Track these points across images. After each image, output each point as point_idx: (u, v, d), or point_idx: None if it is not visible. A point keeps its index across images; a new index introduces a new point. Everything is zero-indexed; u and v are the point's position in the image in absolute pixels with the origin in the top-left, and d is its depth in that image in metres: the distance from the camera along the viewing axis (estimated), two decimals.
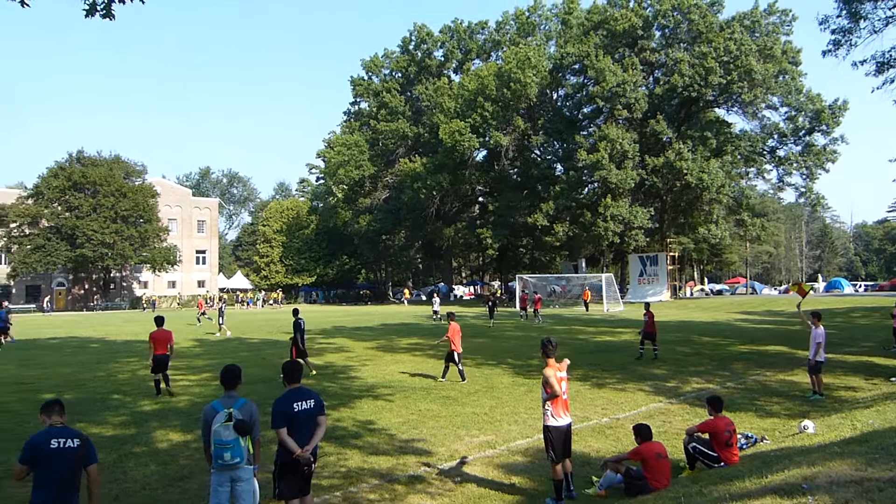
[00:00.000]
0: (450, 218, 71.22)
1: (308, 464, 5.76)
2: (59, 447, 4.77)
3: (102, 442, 10.23)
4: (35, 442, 4.71)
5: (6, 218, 62.68)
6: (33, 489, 4.69)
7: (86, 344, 27.17)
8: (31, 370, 18.85)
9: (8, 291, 67.63)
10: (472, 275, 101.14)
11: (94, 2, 9.84)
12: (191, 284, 79.84)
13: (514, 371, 17.10)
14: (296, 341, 17.15)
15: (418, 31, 71.55)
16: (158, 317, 15.54)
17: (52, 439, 4.77)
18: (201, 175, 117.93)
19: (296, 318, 17.35)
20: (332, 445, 9.66)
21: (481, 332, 29.86)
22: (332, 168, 69.21)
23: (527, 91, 56.96)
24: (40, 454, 4.69)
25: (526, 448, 9.46)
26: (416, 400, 13.24)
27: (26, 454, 4.66)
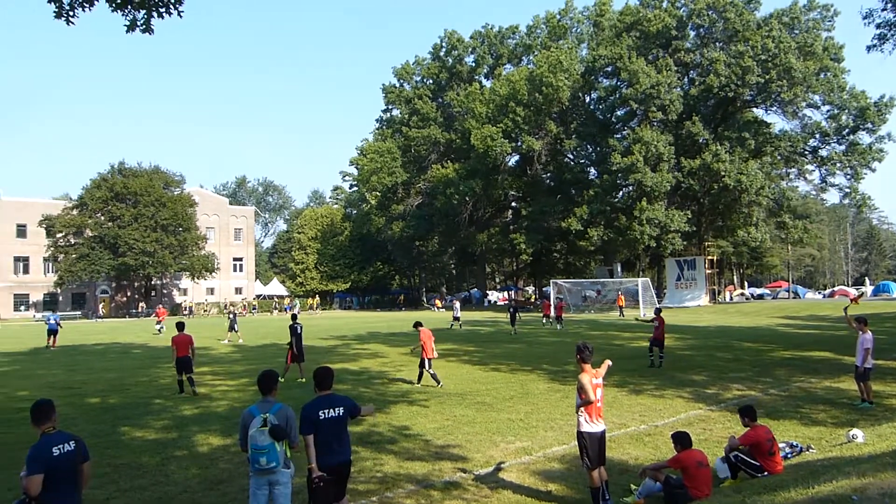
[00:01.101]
0: (483, 223, 71.07)
1: (318, 479, 5.71)
2: (60, 453, 4.82)
3: (145, 445, 10.39)
4: (39, 454, 4.75)
5: (53, 228, 64.54)
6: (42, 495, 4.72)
7: (129, 350, 27.70)
8: (77, 375, 19.26)
9: (55, 299, 69.42)
10: (505, 280, 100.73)
11: (135, 18, 10.05)
12: (229, 291, 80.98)
13: (550, 377, 16.95)
14: (292, 346, 17.53)
15: (449, 37, 71.69)
16: (179, 322, 16.52)
17: (53, 447, 4.82)
18: (238, 184, 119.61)
19: (292, 324, 17.80)
20: (368, 450, 9.66)
21: (514, 338, 29.70)
22: (366, 175, 69.62)
23: (559, 95, 56.61)
24: (47, 463, 4.73)
25: (562, 455, 9.34)
26: (451, 406, 13.17)
27: (37, 466, 4.69)
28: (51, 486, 4.72)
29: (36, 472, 4.67)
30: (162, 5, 10.13)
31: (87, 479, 5.15)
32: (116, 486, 8.26)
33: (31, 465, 4.69)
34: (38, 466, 4.69)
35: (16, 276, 69.28)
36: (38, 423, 4.96)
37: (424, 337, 16.11)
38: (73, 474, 4.89)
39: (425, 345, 15.97)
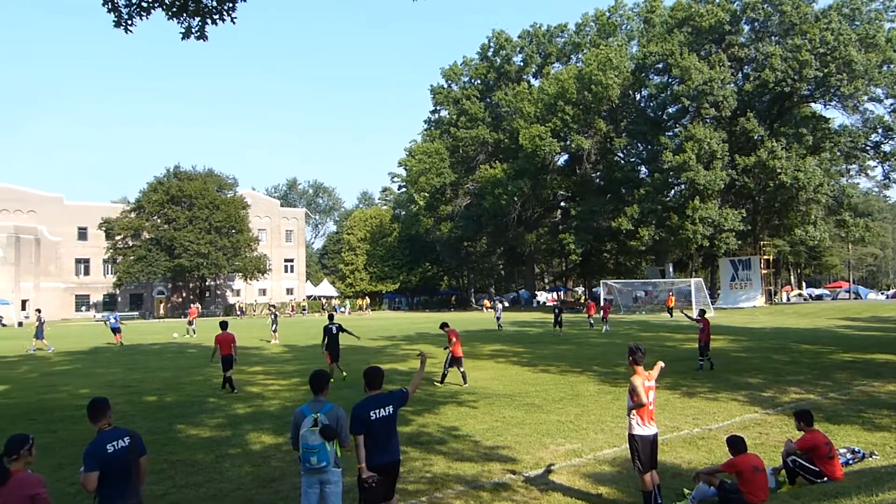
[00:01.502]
0: (531, 223, 70.70)
1: (369, 480, 5.73)
2: (114, 450, 4.93)
3: (200, 443, 10.62)
4: (94, 451, 4.88)
5: (112, 231, 66.67)
6: (100, 490, 4.85)
7: (184, 349, 28.38)
8: (135, 374, 19.82)
9: (114, 300, 71.70)
10: (554, 281, 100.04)
11: (189, 25, 10.30)
12: (280, 292, 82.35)
13: (600, 378, 16.73)
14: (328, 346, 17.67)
15: (497, 37, 71.55)
16: (223, 321, 16.94)
17: (107, 444, 4.93)
18: (288, 186, 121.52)
19: (327, 324, 17.97)
20: (417, 451, 9.68)
21: (564, 339, 29.45)
22: (414, 176, 69.99)
23: (608, 93, 55.95)
24: (102, 460, 4.85)
25: (613, 458, 9.20)
26: (500, 407, 13.12)
27: (91, 464, 4.83)
28: (107, 482, 4.85)
29: (91, 469, 4.81)
30: (216, 12, 10.36)
31: (144, 473, 5.27)
32: (173, 482, 8.46)
33: (87, 462, 4.84)
34: (93, 463, 4.82)
35: (77, 278, 71.74)
36: (95, 421, 5.09)
37: (453, 336, 16.44)
38: (128, 470, 5.00)
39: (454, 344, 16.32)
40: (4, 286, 62.60)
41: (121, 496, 4.95)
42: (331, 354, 17.63)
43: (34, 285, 66.22)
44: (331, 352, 17.62)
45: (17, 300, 62.82)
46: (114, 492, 4.91)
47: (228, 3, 10.31)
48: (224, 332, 16.09)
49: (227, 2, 10.29)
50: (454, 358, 16.38)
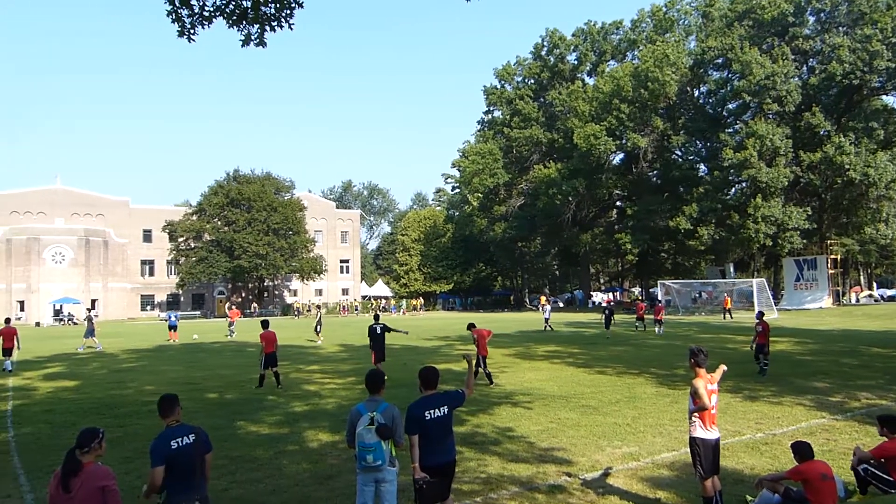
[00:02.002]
0: (586, 223, 69.94)
1: (421, 481, 5.73)
2: (178, 446, 5.04)
3: (259, 439, 10.84)
4: (159, 447, 5.00)
5: (175, 233, 68.74)
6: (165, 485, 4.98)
7: (243, 348, 29.02)
8: (196, 371, 20.36)
9: (177, 299, 73.94)
10: (610, 281, 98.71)
11: (249, 33, 10.54)
12: (336, 292, 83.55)
13: (658, 381, 16.42)
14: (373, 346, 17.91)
15: (550, 35, 71.00)
16: (264, 320, 17.43)
17: (172, 440, 5.05)
18: (344, 188, 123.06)
19: (372, 324, 18.21)
20: (472, 451, 9.67)
21: (621, 340, 29.02)
22: (467, 177, 70.03)
23: (665, 90, 54.93)
24: (166, 456, 4.97)
25: (672, 462, 9.01)
26: (556, 408, 13.00)
27: (156, 459, 4.95)
28: (172, 478, 4.98)
29: (157, 464, 4.95)
30: (274, 19, 10.56)
31: (209, 469, 5.39)
32: (233, 477, 8.65)
33: (153, 457, 4.98)
34: (158, 459, 4.96)
35: (142, 278, 74.27)
36: (164, 416, 5.24)
37: (482, 334, 16.98)
38: (192, 466, 5.12)
39: (481, 343, 16.85)
40: (75, 286, 65.22)
41: (185, 491, 5.07)
42: (376, 354, 17.84)
43: (103, 286, 68.82)
44: (376, 351, 17.84)
45: (87, 300, 65.37)
46: (178, 487, 5.04)
47: (286, 9, 10.49)
48: (266, 330, 16.65)
49: (285, 8, 10.48)
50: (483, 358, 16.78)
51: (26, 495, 8.08)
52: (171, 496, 5.02)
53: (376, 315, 20.39)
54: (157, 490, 4.97)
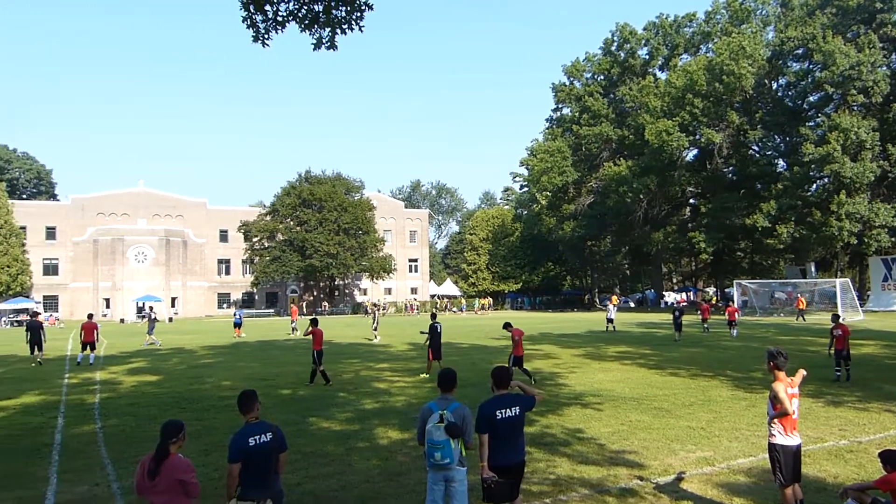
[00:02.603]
0: (658, 222, 68.47)
1: (489, 480, 5.71)
2: (256, 443, 5.15)
3: (330, 436, 11.04)
4: (237, 443, 5.13)
5: (249, 233, 70.84)
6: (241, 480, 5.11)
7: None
8: (270, 368, 20.93)
9: (252, 298, 76.16)
10: (683, 281, 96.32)
11: (321, 36, 10.76)
12: (405, 291, 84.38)
13: (734, 384, 15.91)
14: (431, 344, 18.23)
15: (621, 30, 69.76)
16: (314, 318, 17.90)
17: (250, 437, 5.16)
18: (412, 188, 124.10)
19: (431, 323, 18.63)
20: (541, 452, 9.60)
21: (695, 341, 28.27)
22: (536, 175, 69.55)
23: (741, 83, 53.20)
24: (244, 452, 5.09)
25: (749, 468, 8.72)
26: (627, 410, 12.77)
27: (234, 455, 5.09)
28: (247, 473, 5.12)
29: (234, 459, 5.09)
30: (345, 22, 10.75)
31: (282, 467, 5.51)
32: (306, 472, 8.83)
33: (231, 452, 5.13)
34: (236, 454, 5.10)
35: (219, 277, 76.81)
36: (244, 412, 5.38)
37: (517, 336, 16.63)
38: (268, 463, 5.24)
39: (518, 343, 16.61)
40: (156, 284, 68.02)
41: (259, 488, 5.18)
42: (433, 352, 18.15)
43: (182, 284, 71.53)
44: (433, 349, 18.15)
45: (168, 298, 68.08)
46: (253, 482, 5.16)
47: (356, 12, 10.67)
48: (315, 327, 17.19)
49: (355, 11, 10.65)
50: (516, 358, 16.55)
51: (112, 484, 8.46)
52: (245, 492, 5.14)
53: (433, 314, 20.74)
54: (234, 486, 5.11)
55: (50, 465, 9.48)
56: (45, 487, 8.29)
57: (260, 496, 5.18)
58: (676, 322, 29.88)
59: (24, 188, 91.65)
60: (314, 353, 16.92)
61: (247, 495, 5.14)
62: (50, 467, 9.33)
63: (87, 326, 23.22)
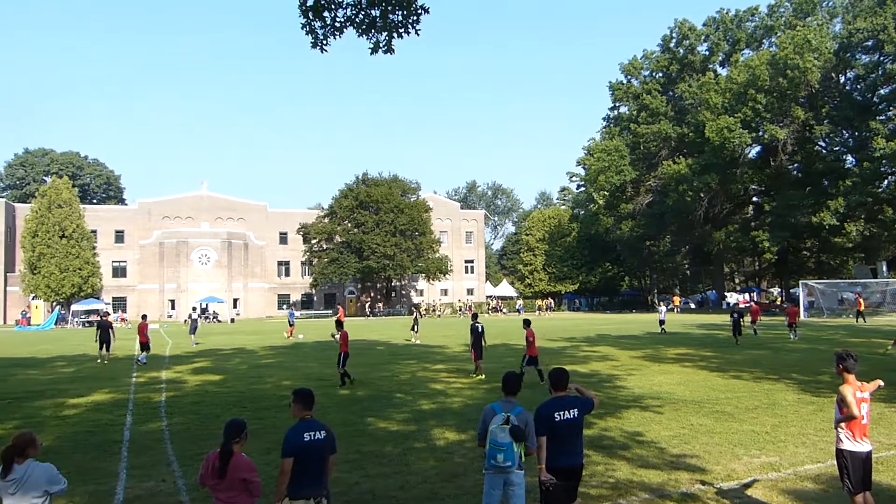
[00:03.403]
0: (720, 221, 66.85)
1: (547, 483, 5.67)
2: (311, 440, 5.20)
3: (388, 436, 11.15)
4: (293, 437, 5.19)
5: (308, 235, 72.05)
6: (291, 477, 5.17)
7: (372, 346, 29.96)
8: (328, 368, 21.20)
9: (311, 299, 77.46)
10: (746, 281, 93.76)
11: (378, 41, 10.91)
12: (461, 292, 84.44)
13: (800, 387, 15.42)
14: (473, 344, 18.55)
15: (679, 26, 68.39)
16: (338, 321, 18.35)
17: (305, 433, 5.22)
18: (468, 189, 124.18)
19: (472, 323, 18.96)
20: (600, 455, 9.50)
21: (756, 344, 27.49)
22: (593, 175, 68.74)
23: (807, 77, 51.54)
24: (298, 448, 5.16)
25: (817, 474, 8.44)
26: (687, 413, 12.52)
27: (288, 449, 5.15)
28: (300, 469, 5.16)
29: (288, 454, 5.15)
30: (402, 26, 10.86)
31: (331, 469, 5.54)
32: (364, 471, 8.95)
33: (285, 447, 5.18)
34: (290, 449, 5.16)
35: (279, 279, 78.34)
36: (301, 409, 5.44)
37: (530, 335, 17.06)
38: (320, 461, 5.29)
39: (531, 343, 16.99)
40: (218, 286, 69.81)
41: (311, 485, 5.23)
42: (476, 352, 18.41)
43: (243, 286, 73.24)
44: (476, 350, 18.44)
45: (230, 299, 69.81)
46: (305, 479, 5.20)
47: (413, 16, 10.75)
48: (343, 330, 17.71)
49: (411, 15, 10.74)
50: (530, 358, 16.85)
51: (178, 480, 8.74)
52: (297, 489, 5.17)
53: (475, 315, 21.08)
54: (286, 481, 5.14)
55: (119, 460, 9.84)
56: (115, 482, 8.61)
57: (312, 493, 5.21)
58: (735, 325, 28.36)
59: (95, 193, 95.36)
60: (340, 354, 17.34)
61: (299, 492, 5.17)
62: (119, 463, 9.68)
63: (141, 327, 24.34)
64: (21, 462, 4.75)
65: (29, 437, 4.89)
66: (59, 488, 4.88)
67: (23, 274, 63.54)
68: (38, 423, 12.74)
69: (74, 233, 63.64)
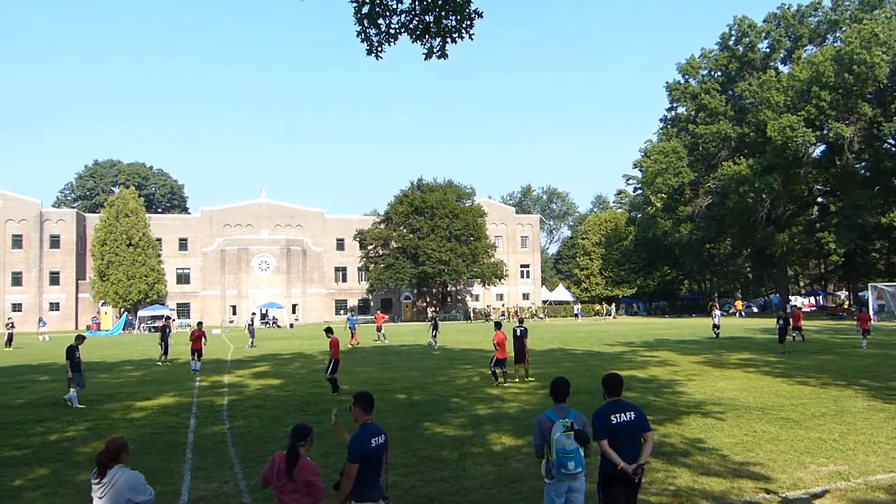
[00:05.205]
0: (783, 222, 64.89)
1: (636, 474, 5.62)
2: (376, 444, 5.25)
3: (445, 440, 11.20)
4: (360, 442, 5.22)
5: (364, 241, 72.97)
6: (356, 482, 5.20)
7: (429, 351, 30.11)
8: (387, 373, 21.46)
9: (367, 304, 78.31)
10: (811, 284, 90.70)
11: (432, 46, 11.00)
12: (516, 297, 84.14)
13: (870, 394, 14.86)
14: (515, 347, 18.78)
15: (739, 23, 66.70)
16: (327, 328, 18.43)
17: (371, 438, 5.26)
18: (523, 193, 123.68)
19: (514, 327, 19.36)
20: (660, 462, 9.34)
21: (823, 349, 26.58)
22: (650, 177, 67.55)
23: (874, 72, 49.66)
24: (365, 452, 5.20)
25: (890, 484, 8.12)
26: (751, 420, 12.21)
27: (355, 454, 5.18)
28: (365, 473, 5.22)
29: (355, 459, 5.19)
30: (455, 31, 10.92)
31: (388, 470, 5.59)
32: (420, 476, 9.01)
33: (352, 452, 5.22)
34: (357, 454, 5.20)
35: (336, 284, 79.49)
36: (363, 413, 5.47)
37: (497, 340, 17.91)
38: (381, 464, 5.36)
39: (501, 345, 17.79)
40: (278, 292, 71.28)
41: (373, 488, 5.29)
42: (516, 354, 18.82)
43: (301, 291, 74.57)
44: (516, 352, 18.83)
45: (289, 304, 71.15)
46: (370, 483, 5.26)
47: (467, 20, 10.81)
48: (332, 336, 17.48)
49: (465, 20, 10.79)
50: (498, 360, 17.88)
51: (240, 482, 8.96)
52: (361, 492, 5.22)
53: (520, 319, 21.95)
54: (351, 486, 5.19)
55: (184, 462, 10.15)
56: (180, 484, 8.90)
57: (376, 496, 5.28)
58: (781, 332, 25.50)
59: (160, 202, 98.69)
60: (332, 362, 16.99)
61: (364, 496, 5.22)
62: (184, 464, 9.99)
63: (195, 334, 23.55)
64: (112, 467, 4.83)
65: (122, 442, 4.96)
66: (144, 498, 4.83)
67: (93, 281, 66.20)
68: (109, 425, 13.25)
69: (141, 241, 65.98)
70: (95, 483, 4.83)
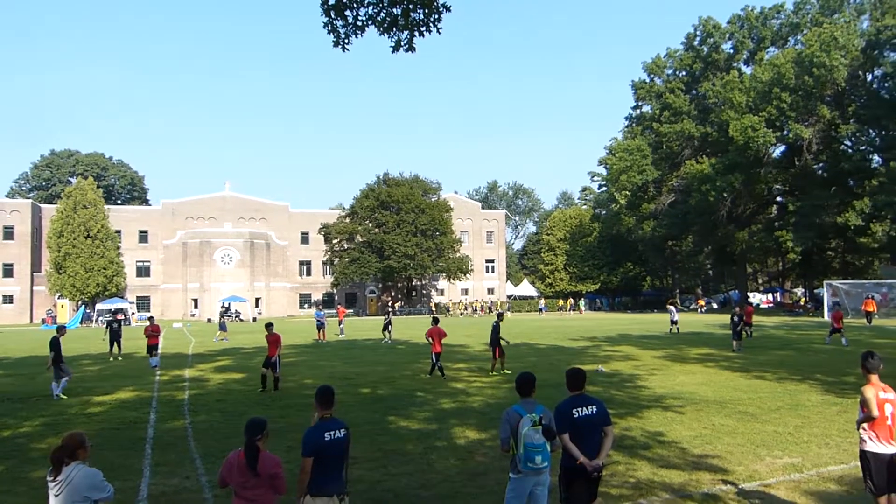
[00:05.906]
0: (743, 221, 66.18)
1: (594, 471, 5.69)
2: (331, 439, 5.23)
3: (410, 434, 11.22)
4: (312, 437, 5.23)
5: (329, 235, 72.44)
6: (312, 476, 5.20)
7: (395, 346, 30.09)
8: (353, 367, 21.39)
9: (332, 298, 77.85)
10: (769, 281, 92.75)
11: (399, 39, 10.98)
12: (482, 292, 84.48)
13: (825, 388, 15.27)
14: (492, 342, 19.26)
15: (704, 24, 67.68)
16: (269, 323, 18.24)
17: (325, 432, 5.25)
18: (489, 189, 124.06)
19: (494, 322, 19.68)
20: (621, 455, 9.49)
21: (781, 344, 27.21)
22: (615, 174, 68.31)
23: (833, 75, 50.84)
24: (319, 447, 5.19)
25: (840, 476, 8.37)
26: (710, 413, 12.46)
27: (308, 449, 5.18)
28: (319, 468, 5.19)
29: (308, 454, 5.18)
30: (423, 25, 10.91)
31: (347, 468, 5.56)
32: (386, 470, 9.01)
33: (305, 447, 5.22)
34: (311, 449, 5.19)
35: (301, 278, 78.87)
36: (321, 408, 5.48)
37: (433, 333, 18.32)
38: (340, 459, 5.33)
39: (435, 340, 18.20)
40: (241, 286, 70.45)
41: (331, 483, 5.26)
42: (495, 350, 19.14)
43: (265, 285, 73.83)
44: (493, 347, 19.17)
45: (252, 298, 70.40)
46: (325, 478, 5.23)
47: (435, 14, 10.80)
48: (273, 333, 17.03)
49: (433, 13, 10.79)
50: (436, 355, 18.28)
51: (201, 477, 8.87)
52: (318, 487, 5.20)
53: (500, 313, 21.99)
54: (306, 480, 5.18)
55: (144, 457, 10.02)
56: (140, 479, 8.78)
57: (333, 491, 5.25)
58: (734, 329, 24.97)
59: (119, 194, 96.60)
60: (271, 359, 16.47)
61: (320, 490, 5.19)
62: (144, 460, 9.86)
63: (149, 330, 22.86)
64: (68, 464, 4.71)
65: (80, 439, 4.84)
66: (103, 496, 4.75)
67: (49, 273, 64.58)
68: (66, 420, 12.99)
69: (99, 233, 64.55)
70: (51, 480, 4.72)
